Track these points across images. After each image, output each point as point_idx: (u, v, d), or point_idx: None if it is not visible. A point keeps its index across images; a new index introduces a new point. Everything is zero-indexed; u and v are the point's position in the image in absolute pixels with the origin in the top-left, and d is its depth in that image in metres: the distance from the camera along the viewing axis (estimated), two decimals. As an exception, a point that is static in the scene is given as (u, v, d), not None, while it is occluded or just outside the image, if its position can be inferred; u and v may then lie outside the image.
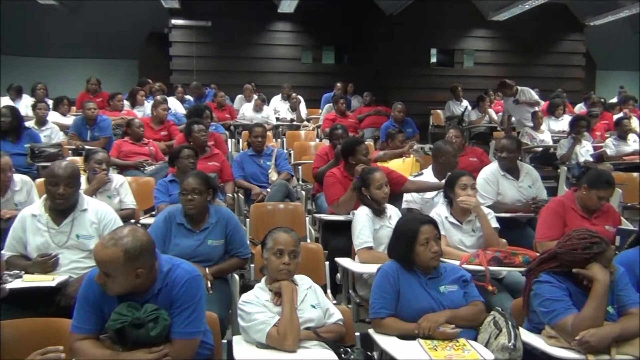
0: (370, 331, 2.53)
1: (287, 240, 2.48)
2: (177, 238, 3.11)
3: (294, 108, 8.77)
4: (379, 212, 3.45)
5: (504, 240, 3.57)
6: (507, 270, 3.22)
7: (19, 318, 2.49)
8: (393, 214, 3.52)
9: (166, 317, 2.08)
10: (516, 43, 11.81)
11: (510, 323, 2.34)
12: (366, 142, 4.79)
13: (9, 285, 2.68)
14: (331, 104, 8.41)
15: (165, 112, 6.59)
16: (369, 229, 3.33)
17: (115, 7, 10.46)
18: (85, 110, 6.24)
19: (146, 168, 5.37)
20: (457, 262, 3.02)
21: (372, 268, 2.94)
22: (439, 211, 3.47)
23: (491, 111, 9.01)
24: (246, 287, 3.17)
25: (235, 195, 5.07)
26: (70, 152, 5.85)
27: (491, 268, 3.04)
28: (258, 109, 8.36)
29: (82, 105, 6.41)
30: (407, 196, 4.24)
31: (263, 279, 2.53)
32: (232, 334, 2.93)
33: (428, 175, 4.31)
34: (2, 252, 2.96)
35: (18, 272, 2.81)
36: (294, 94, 8.95)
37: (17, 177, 3.89)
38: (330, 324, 2.47)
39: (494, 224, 3.42)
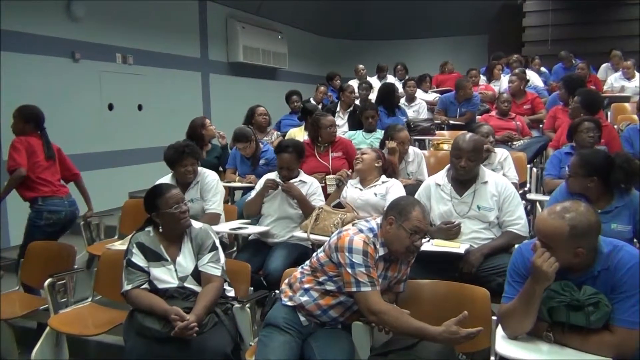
0: None
1: None
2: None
3: None
4: None
5: None
6: None
7: (429, 279, 2.69)
8: None
9: (607, 302, 1.90)
10: None
11: None
12: None
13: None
14: None
15: (520, 84, 6.34)
16: None
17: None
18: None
19: (514, 143, 5.30)
20: None
21: None
22: None
23: None
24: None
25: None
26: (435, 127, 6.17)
27: None
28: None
29: None
30: None
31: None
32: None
33: None
34: None
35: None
36: None
37: (411, 150, 4.26)
38: None
39: None
